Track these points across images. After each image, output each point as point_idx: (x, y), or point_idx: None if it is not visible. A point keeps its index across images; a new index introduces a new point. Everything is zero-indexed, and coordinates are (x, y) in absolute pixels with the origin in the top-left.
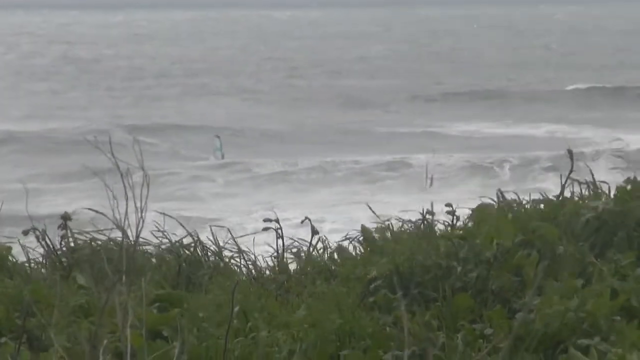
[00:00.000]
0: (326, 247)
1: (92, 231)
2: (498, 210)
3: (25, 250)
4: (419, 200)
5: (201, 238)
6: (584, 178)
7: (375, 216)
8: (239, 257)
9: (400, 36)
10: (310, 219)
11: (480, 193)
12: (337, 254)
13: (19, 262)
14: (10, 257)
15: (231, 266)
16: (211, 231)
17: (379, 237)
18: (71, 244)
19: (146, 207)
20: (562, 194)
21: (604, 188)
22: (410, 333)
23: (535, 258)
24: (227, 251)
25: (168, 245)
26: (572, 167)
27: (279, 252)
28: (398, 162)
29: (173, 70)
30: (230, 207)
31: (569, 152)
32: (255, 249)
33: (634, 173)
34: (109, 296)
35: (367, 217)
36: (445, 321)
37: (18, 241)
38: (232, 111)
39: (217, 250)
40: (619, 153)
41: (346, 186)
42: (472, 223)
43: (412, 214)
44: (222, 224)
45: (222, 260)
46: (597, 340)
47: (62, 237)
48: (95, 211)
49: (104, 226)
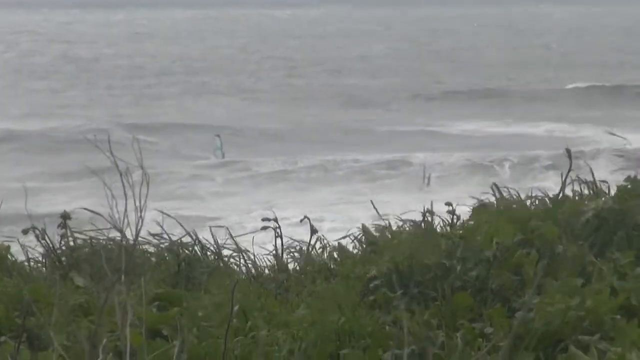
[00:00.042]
0: (325, 247)
1: (92, 230)
2: (497, 209)
3: (24, 249)
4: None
5: (200, 237)
6: (584, 177)
7: (376, 215)
8: (239, 257)
9: (400, 35)
10: (309, 218)
11: (480, 192)
12: (337, 253)
13: (19, 261)
14: (9, 256)
15: (231, 265)
16: (210, 231)
17: (379, 236)
18: (71, 243)
19: (146, 206)
20: (563, 193)
21: (604, 187)
22: (410, 332)
23: (534, 257)
24: (227, 250)
25: (167, 244)
26: (571, 166)
27: (278, 251)
28: (398, 161)
29: (173, 68)
30: (229, 206)
31: (567, 151)
32: (254, 248)
33: (635, 171)
34: (109, 295)
35: (367, 217)
36: (444, 320)
37: (17, 240)
38: (232, 110)
39: (217, 249)
40: (620, 152)
41: (346, 185)
42: (472, 222)
43: (413, 214)
44: (222, 223)
45: (222, 259)
46: (597, 338)
47: (62, 237)
48: (91, 211)
49: (105, 225)
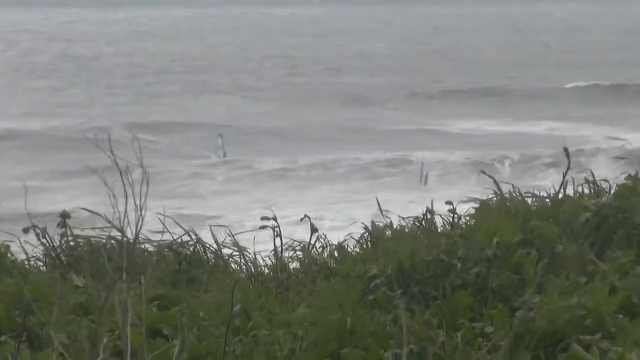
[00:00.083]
0: (324, 246)
1: (92, 228)
2: (498, 208)
3: (25, 248)
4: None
5: (201, 236)
6: (584, 176)
7: (376, 213)
8: (239, 256)
9: (400, 33)
10: (309, 217)
11: (480, 190)
12: (337, 252)
13: (19, 260)
14: (9, 255)
15: (231, 264)
16: (211, 230)
17: (380, 235)
18: (71, 243)
19: (146, 205)
20: (564, 191)
21: (605, 186)
22: (410, 331)
23: (535, 256)
24: (227, 249)
25: (168, 243)
26: (569, 165)
27: (278, 250)
28: (398, 160)
29: (173, 67)
30: (229, 205)
31: (565, 150)
32: (254, 247)
33: (635, 169)
34: (109, 294)
35: (367, 215)
36: (445, 319)
37: (18, 239)
38: (233, 109)
39: (217, 248)
40: (620, 151)
41: (346, 183)
42: (473, 221)
43: (412, 212)
44: (222, 222)
45: (222, 258)
46: (598, 337)
47: (62, 236)
48: (90, 211)
49: (105, 224)
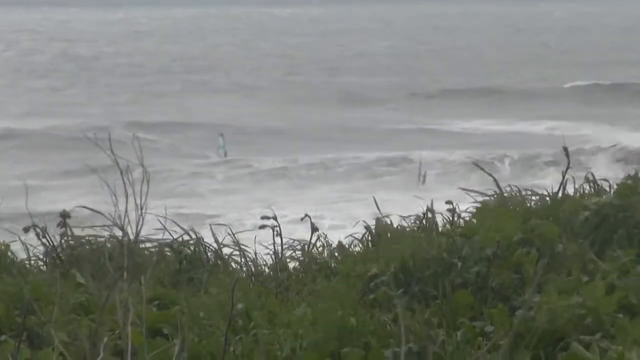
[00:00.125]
0: (324, 245)
1: (93, 226)
2: (498, 206)
3: (25, 247)
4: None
5: (201, 235)
6: (584, 175)
7: (375, 212)
8: (240, 255)
9: (399, 33)
10: (310, 217)
11: (480, 189)
12: (338, 251)
13: (19, 260)
14: (9, 255)
15: (231, 264)
16: (211, 229)
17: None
18: (71, 242)
19: (146, 204)
20: (564, 191)
21: (605, 185)
22: (410, 331)
23: (535, 255)
24: (227, 249)
25: (168, 242)
26: (569, 164)
27: (278, 250)
28: (398, 159)
29: (173, 67)
30: (229, 204)
31: (565, 150)
32: (254, 247)
33: (635, 168)
34: (110, 293)
35: (367, 214)
36: (445, 318)
37: (18, 238)
38: (233, 108)
39: (217, 248)
40: (620, 150)
41: (346, 183)
42: (473, 220)
43: (412, 211)
44: (222, 221)
45: (222, 258)
46: (598, 337)
47: (62, 235)
48: (91, 209)
49: (105, 223)
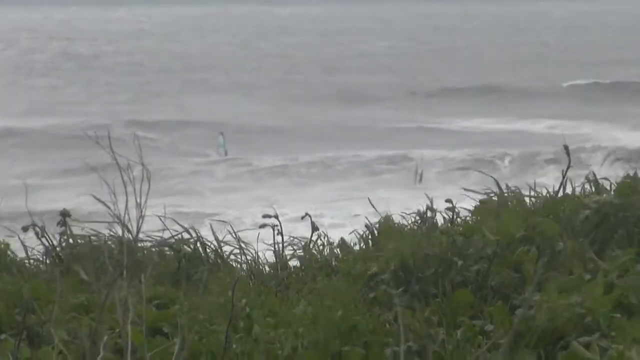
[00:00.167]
0: (324, 244)
1: (93, 222)
2: (498, 206)
3: (25, 246)
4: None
5: (201, 233)
6: (585, 173)
7: (374, 212)
8: (240, 254)
9: (399, 32)
10: (310, 215)
11: (480, 188)
12: (339, 249)
13: (19, 259)
14: (9, 253)
15: (231, 262)
16: (211, 228)
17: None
18: (70, 241)
19: (146, 203)
20: (564, 189)
21: (605, 184)
22: (410, 329)
23: (535, 254)
24: (227, 247)
25: (168, 241)
26: (570, 163)
27: (278, 249)
28: (398, 157)
29: (173, 66)
30: (229, 202)
31: (566, 148)
32: (254, 245)
33: (635, 167)
34: (110, 292)
35: (366, 213)
36: (445, 317)
37: (18, 237)
38: (232, 107)
39: (217, 246)
40: (620, 149)
41: (346, 181)
42: (473, 218)
43: (412, 209)
44: (221, 219)
45: (222, 256)
46: (598, 336)
47: (61, 234)
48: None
49: (105, 220)
